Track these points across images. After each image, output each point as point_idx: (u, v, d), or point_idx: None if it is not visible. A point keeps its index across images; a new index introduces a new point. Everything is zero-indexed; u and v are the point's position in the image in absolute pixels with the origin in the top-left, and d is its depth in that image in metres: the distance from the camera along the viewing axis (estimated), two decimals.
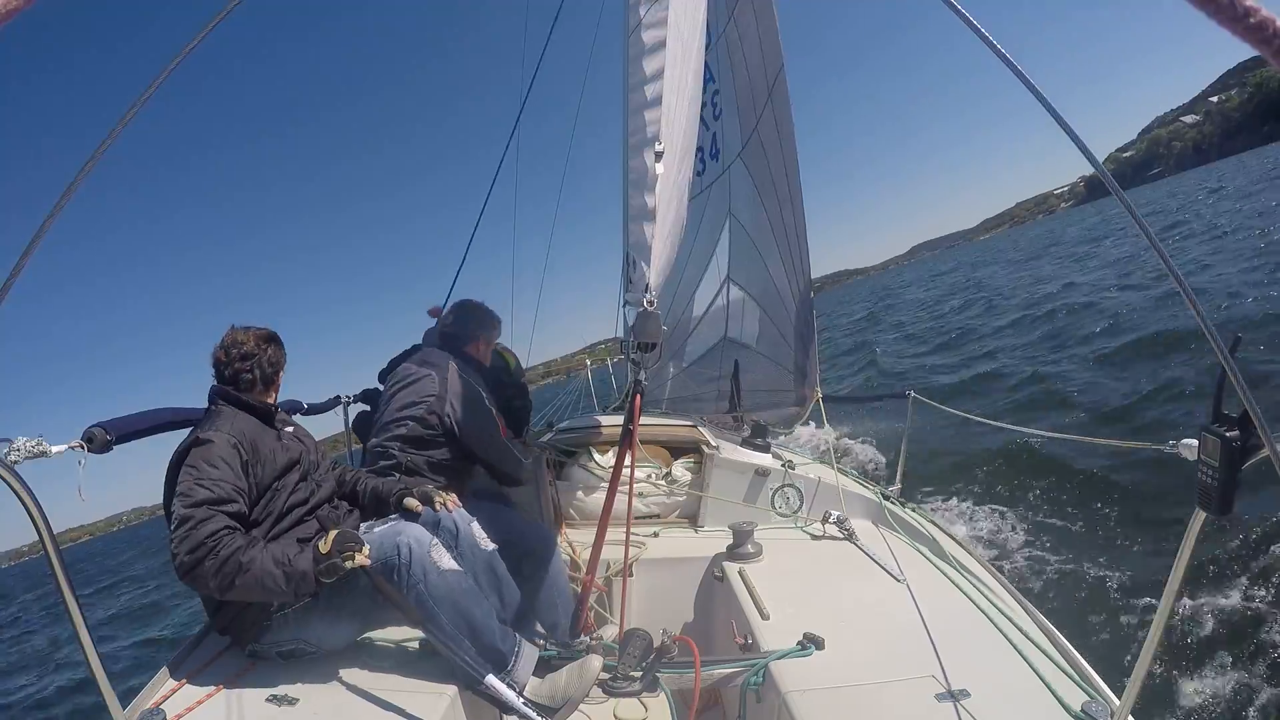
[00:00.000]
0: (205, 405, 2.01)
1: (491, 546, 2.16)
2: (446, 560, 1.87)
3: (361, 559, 1.69)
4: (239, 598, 1.72)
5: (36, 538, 1.31)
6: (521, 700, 1.79)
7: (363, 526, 2.10)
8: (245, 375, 2.00)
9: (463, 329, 2.82)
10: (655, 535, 3.07)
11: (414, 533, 1.86)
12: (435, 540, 1.89)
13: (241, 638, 1.87)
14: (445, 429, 2.48)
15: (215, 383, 2.02)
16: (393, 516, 2.10)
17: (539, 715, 1.77)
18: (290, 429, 2.15)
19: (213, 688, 1.75)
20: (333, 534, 1.72)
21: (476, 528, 2.14)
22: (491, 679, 1.75)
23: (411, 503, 2.07)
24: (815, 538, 2.83)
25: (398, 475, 2.41)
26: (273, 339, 2.08)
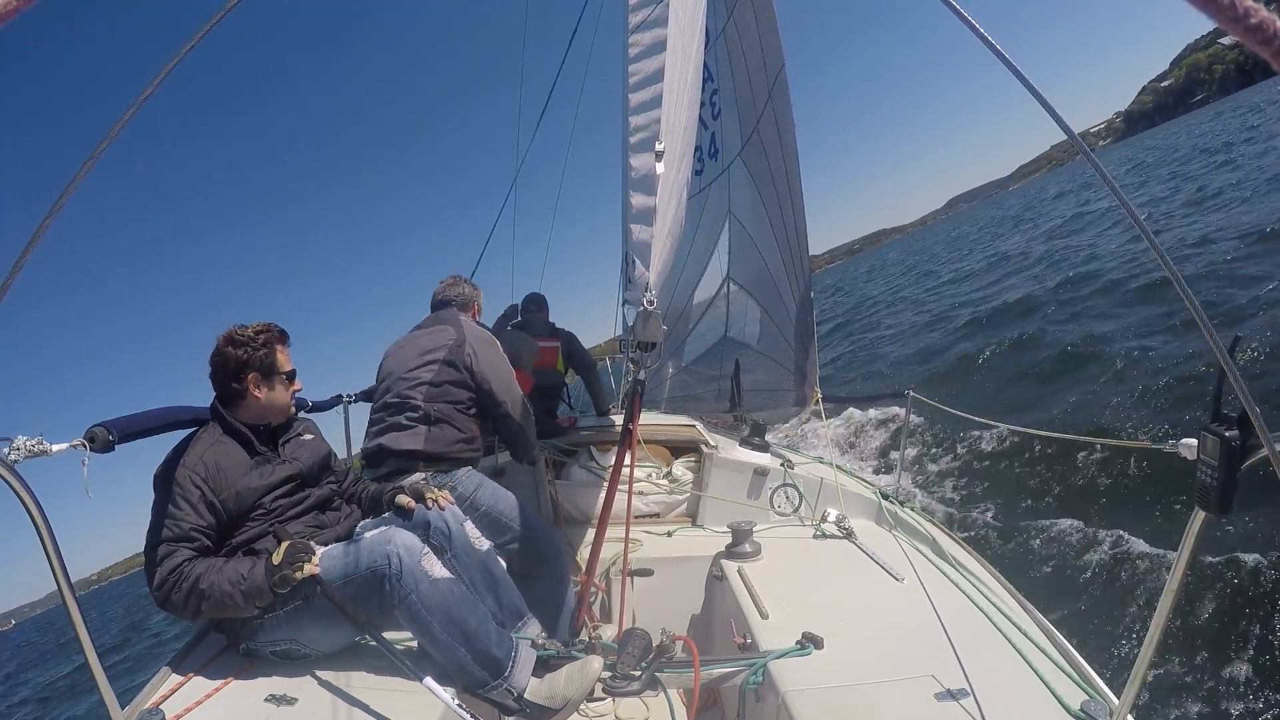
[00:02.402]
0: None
1: (486, 545, 2.14)
2: (438, 569, 1.83)
3: (310, 569, 1.72)
4: (213, 617, 1.79)
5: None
6: (517, 704, 1.78)
7: (360, 525, 2.10)
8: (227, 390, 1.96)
9: (456, 296, 2.89)
10: (669, 535, 3.07)
11: (404, 540, 1.82)
12: (426, 549, 1.85)
13: (234, 636, 1.87)
14: (468, 369, 2.51)
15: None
16: (385, 515, 2.10)
17: (540, 717, 1.77)
18: (309, 436, 2.12)
19: (212, 687, 1.75)
20: (284, 545, 1.75)
21: (470, 527, 2.12)
22: (429, 680, 1.69)
23: (404, 499, 2.07)
24: (815, 537, 2.83)
25: (424, 427, 2.43)
26: (233, 341, 1.93)
